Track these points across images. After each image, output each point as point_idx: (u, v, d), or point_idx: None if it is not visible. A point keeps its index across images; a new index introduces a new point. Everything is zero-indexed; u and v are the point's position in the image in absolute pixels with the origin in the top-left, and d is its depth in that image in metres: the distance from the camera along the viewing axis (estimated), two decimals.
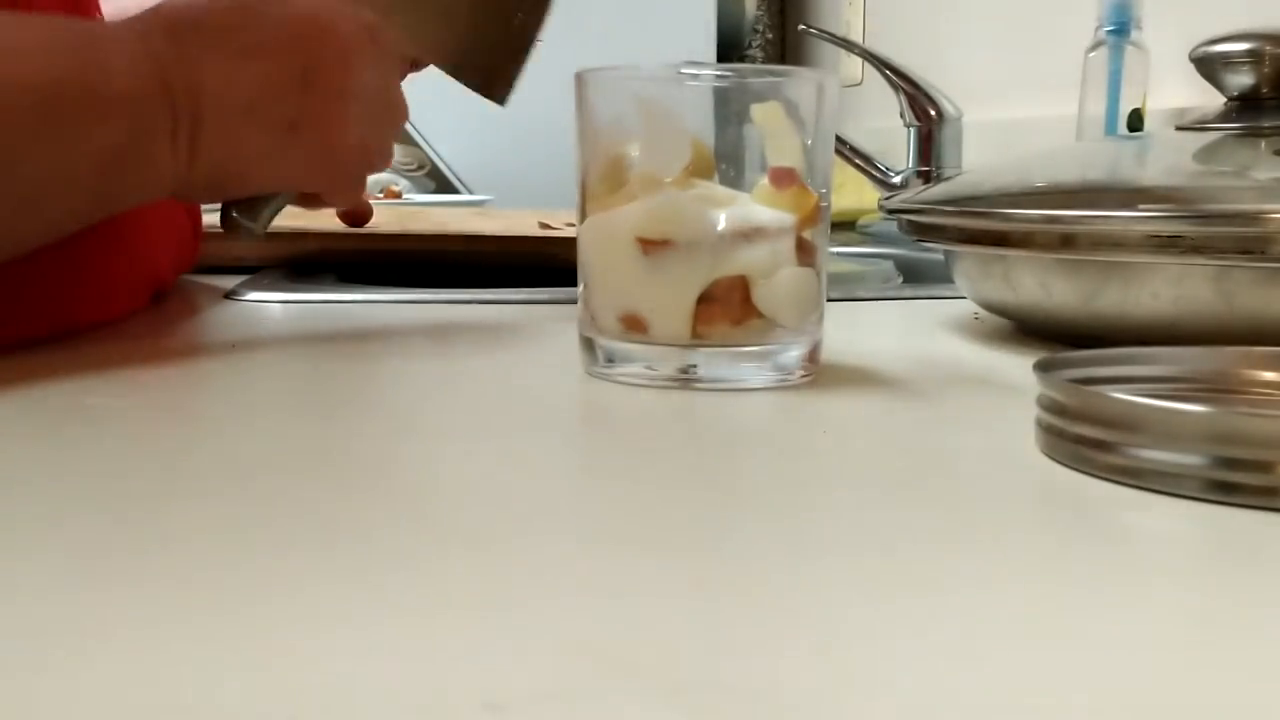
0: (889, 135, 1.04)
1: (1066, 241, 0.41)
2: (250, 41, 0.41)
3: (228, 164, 0.41)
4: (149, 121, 0.38)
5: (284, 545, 0.22)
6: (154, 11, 0.40)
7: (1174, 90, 0.85)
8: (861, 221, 1.09)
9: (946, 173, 0.91)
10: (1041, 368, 0.29)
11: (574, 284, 0.40)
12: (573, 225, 0.46)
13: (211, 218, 0.68)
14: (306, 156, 0.43)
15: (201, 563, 0.21)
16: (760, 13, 1.80)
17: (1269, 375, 0.32)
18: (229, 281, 0.59)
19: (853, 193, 1.04)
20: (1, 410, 0.33)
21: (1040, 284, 0.43)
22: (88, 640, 0.18)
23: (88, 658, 0.17)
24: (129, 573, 0.21)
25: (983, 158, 0.77)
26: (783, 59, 1.85)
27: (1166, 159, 0.50)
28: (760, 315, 0.37)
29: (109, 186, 0.39)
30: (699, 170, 0.37)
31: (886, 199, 0.54)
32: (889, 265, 0.80)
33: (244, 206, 0.43)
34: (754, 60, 1.79)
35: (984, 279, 0.47)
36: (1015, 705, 0.16)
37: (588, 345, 0.39)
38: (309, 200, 0.47)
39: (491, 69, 0.51)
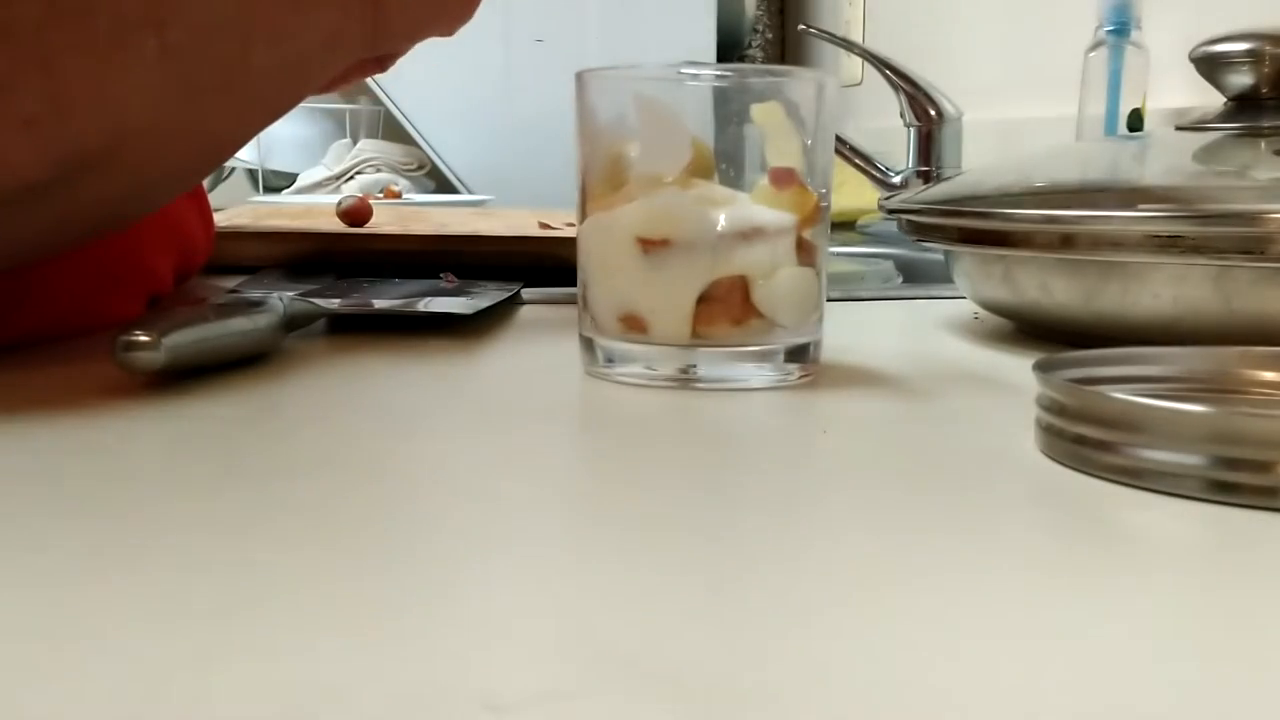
0: (889, 135, 1.04)
1: (1066, 241, 0.41)
2: None
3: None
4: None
5: (282, 544, 0.22)
6: None
7: (1174, 90, 0.85)
8: (861, 221, 1.09)
9: (946, 173, 0.91)
10: (1041, 368, 0.29)
11: (574, 284, 0.40)
12: (573, 225, 0.46)
13: (219, 217, 0.68)
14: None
15: (200, 561, 0.21)
16: (760, 13, 1.81)
17: (1269, 375, 0.32)
18: (229, 281, 0.59)
19: (853, 193, 1.04)
20: None
21: (1040, 284, 0.43)
22: (82, 640, 0.18)
23: (82, 657, 0.17)
24: (126, 572, 0.21)
25: (983, 158, 0.77)
26: (783, 59, 1.85)
27: (1166, 159, 0.50)
28: (760, 315, 0.37)
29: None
30: (699, 170, 0.37)
31: (886, 199, 0.54)
32: (889, 265, 0.80)
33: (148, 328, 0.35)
34: (754, 60, 1.79)
35: (984, 279, 0.47)
36: (1015, 705, 0.16)
37: (588, 345, 0.39)
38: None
39: None
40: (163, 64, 0.34)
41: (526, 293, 0.57)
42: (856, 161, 0.92)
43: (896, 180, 0.91)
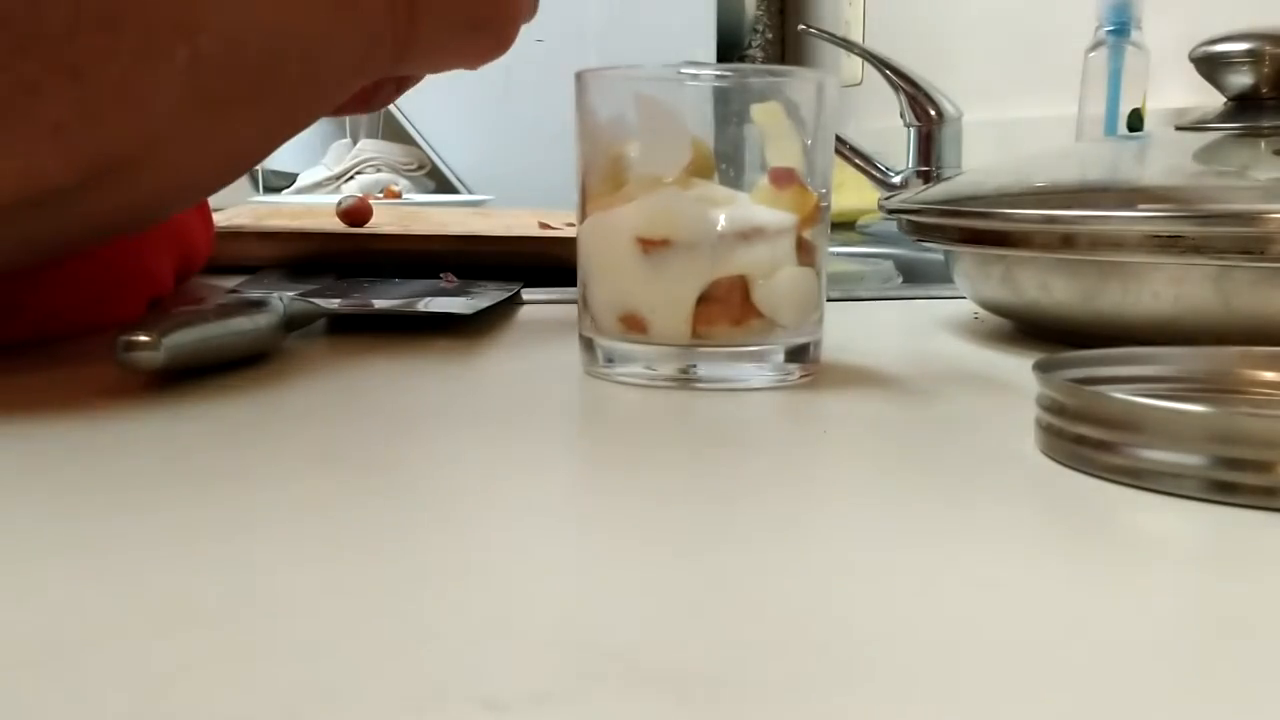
0: (889, 135, 1.04)
1: (1066, 241, 0.41)
2: None
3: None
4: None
5: (282, 544, 0.22)
6: None
7: (1174, 90, 0.85)
8: (861, 221, 1.09)
9: (946, 173, 0.91)
10: (1041, 368, 0.29)
11: (574, 284, 0.40)
12: (573, 225, 0.46)
13: (219, 217, 0.68)
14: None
15: (200, 561, 0.21)
16: (760, 13, 1.81)
17: (1269, 375, 0.32)
18: (229, 281, 0.59)
19: (853, 193, 1.04)
20: None
21: (1040, 284, 0.43)
22: (82, 640, 0.18)
23: (83, 658, 0.17)
24: (126, 572, 0.21)
25: (983, 158, 0.77)
26: (783, 59, 1.85)
27: (1166, 159, 0.50)
28: (760, 315, 0.37)
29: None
30: (699, 170, 0.37)
31: (886, 199, 0.54)
32: (889, 265, 0.80)
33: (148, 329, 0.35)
34: (754, 60, 1.79)
35: (984, 279, 0.47)
36: (1015, 705, 0.16)
37: (587, 345, 0.39)
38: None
39: None
40: (192, 73, 0.34)
41: (526, 293, 0.57)
42: (856, 161, 0.92)
43: (896, 180, 0.91)
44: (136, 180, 0.36)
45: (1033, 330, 0.48)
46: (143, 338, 0.34)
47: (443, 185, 1.61)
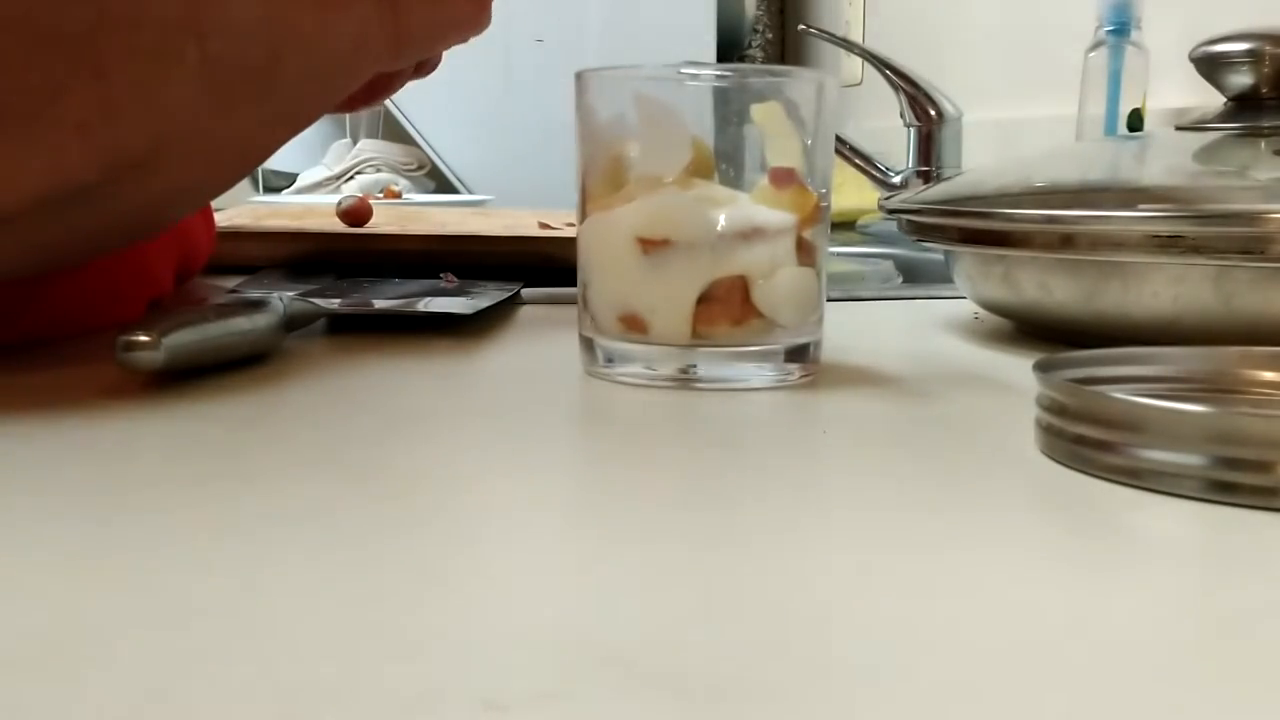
0: (889, 135, 1.04)
1: (1066, 241, 0.41)
2: None
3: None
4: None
5: (282, 544, 0.22)
6: None
7: (1174, 90, 0.85)
8: (861, 221, 1.09)
9: (946, 173, 0.91)
10: (1041, 368, 0.29)
11: (574, 284, 0.40)
12: (573, 225, 0.46)
13: (219, 217, 0.68)
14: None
15: (200, 561, 0.21)
16: (760, 13, 1.80)
17: (1269, 375, 0.32)
18: (229, 281, 0.59)
19: (853, 193, 1.04)
20: None
21: (1040, 284, 0.43)
22: (82, 640, 0.18)
23: (83, 657, 0.17)
24: (126, 572, 0.21)
25: (983, 158, 0.77)
26: (783, 59, 1.85)
27: (1166, 159, 0.50)
28: (760, 315, 0.37)
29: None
30: (699, 170, 0.37)
31: (886, 199, 0.54)
32: (889, 265, 0.80)
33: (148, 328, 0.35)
34: (754, 60, 1.79)
35: (984, 279, 0.47)
36: (1014, 705, 0.16)
37: (587, 345, 0.39)
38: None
39: None
40: (202, 72, 0.35)
41: (526, 293, 0.57)
42: (856, 161, 0.92)
43: (896, 180, 0.91)
44: (151, 179, 0.37)
45: (1033, 330, 0.48)
46: (143, 338, 0.34)
47: (443, 185, 1.61)
